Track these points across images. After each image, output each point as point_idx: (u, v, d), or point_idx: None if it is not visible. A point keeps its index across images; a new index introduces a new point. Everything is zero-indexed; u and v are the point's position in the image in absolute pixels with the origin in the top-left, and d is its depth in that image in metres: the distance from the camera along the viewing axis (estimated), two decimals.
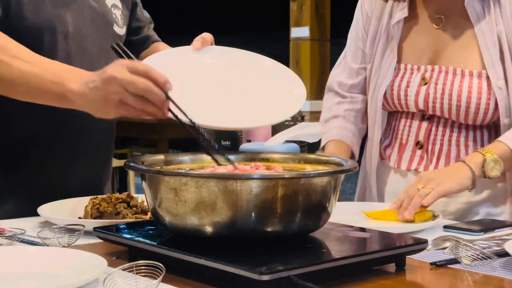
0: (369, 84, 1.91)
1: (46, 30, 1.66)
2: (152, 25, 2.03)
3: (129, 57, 1.43)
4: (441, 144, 1.81)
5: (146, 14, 2.01)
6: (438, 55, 1.81)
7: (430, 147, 1.82)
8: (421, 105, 1.81)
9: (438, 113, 1.79)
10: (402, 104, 1.84)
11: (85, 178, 1.81)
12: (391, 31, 1.85)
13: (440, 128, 1.81)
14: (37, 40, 1.65)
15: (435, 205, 1.63)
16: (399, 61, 1.86)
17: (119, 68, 1.36)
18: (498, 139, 1.71)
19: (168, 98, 1.35)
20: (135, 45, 1.93)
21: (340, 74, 1.99)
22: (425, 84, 1.80)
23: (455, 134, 1.80)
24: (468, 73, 1.76)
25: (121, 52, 1.43)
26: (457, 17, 1.80)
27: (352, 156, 1.91)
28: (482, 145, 1.77)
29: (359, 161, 1.89)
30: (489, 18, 1.74)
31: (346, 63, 1.98)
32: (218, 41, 1.64)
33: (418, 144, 1.84)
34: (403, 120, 1.87)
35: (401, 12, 1.84)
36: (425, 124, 1.82)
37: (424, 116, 1.83)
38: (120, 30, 1.85)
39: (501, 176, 1.73)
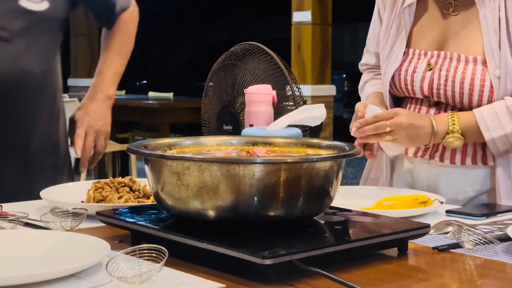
0: (381, 69, 1.91)
1: None
2: None
3: None
4: None
5: None
6: (446, 40, 1.80)
7: None
8: (426, 91, 1.79)
9: (442, 99, 1.77)
10: (409, 89, 1.83)
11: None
12: (401, 16, 1.84)
13: None
14: None
15: (443, 194, 1.66)
16: (408, 46, 1.85)
17: None
18: (474, 110, 1.71)
19: None
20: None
21: (365, 55, 2.06)
22: (430, 69, 1.79)
23: None
24: (472, 60, 1.73)
25: None
26: (466, 2, 1.77)
27: None
28: None
29: None
30: (494, 4, 1.71)
31: (366, 44, 2.03)
32: (220, 28, 1.64)
33: None
34: (411, 106, 1.85)
35: None
36: (432, 111, 1.80)
37: (431, 102, 1.81)
38: (34, 5, 1.56)
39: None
